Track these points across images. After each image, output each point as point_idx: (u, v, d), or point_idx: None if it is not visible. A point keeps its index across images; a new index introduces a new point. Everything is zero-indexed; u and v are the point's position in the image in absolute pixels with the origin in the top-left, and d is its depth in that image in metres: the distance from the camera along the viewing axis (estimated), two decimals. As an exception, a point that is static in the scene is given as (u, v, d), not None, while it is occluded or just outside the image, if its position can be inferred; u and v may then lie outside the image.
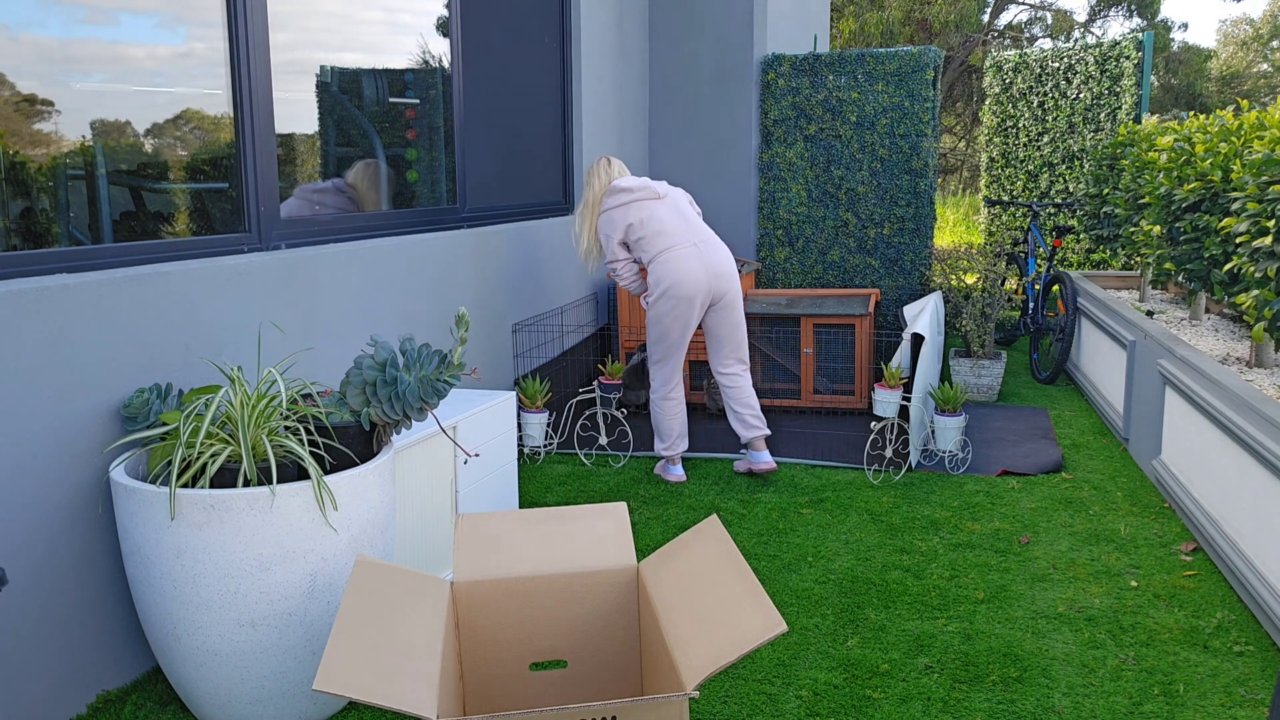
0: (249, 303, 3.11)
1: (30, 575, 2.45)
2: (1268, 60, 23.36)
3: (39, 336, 2.43)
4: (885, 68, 6.34)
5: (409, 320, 4.03)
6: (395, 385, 2.57)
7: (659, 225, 4.21)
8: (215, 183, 3.23)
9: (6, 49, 2.55)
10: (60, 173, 2.71)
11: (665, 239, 4.19)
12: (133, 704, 2.63)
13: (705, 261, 4.18)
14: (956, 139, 20.74)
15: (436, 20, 4.43)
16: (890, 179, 6.41)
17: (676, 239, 4.19)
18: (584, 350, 5.81)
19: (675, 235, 4.20)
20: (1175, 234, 4.54)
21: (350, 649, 1.81)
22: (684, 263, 4.15)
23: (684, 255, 4.16)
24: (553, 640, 2.30)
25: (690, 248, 4.18)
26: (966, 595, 3.27)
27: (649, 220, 4.21)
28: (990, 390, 5.87)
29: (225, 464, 2.41)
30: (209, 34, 3.16)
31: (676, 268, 4.15)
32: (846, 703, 2.65)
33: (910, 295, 6.48)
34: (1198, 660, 2.85)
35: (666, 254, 4.17)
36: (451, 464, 3.36)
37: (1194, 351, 4.05)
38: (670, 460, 4.45)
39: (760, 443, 4.37)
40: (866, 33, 16.87)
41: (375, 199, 3.94)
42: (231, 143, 3.26)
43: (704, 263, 4.18)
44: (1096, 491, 4.26)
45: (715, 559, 2.11)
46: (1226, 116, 4.82)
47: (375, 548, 2.59)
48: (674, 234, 4.20)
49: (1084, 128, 8.88)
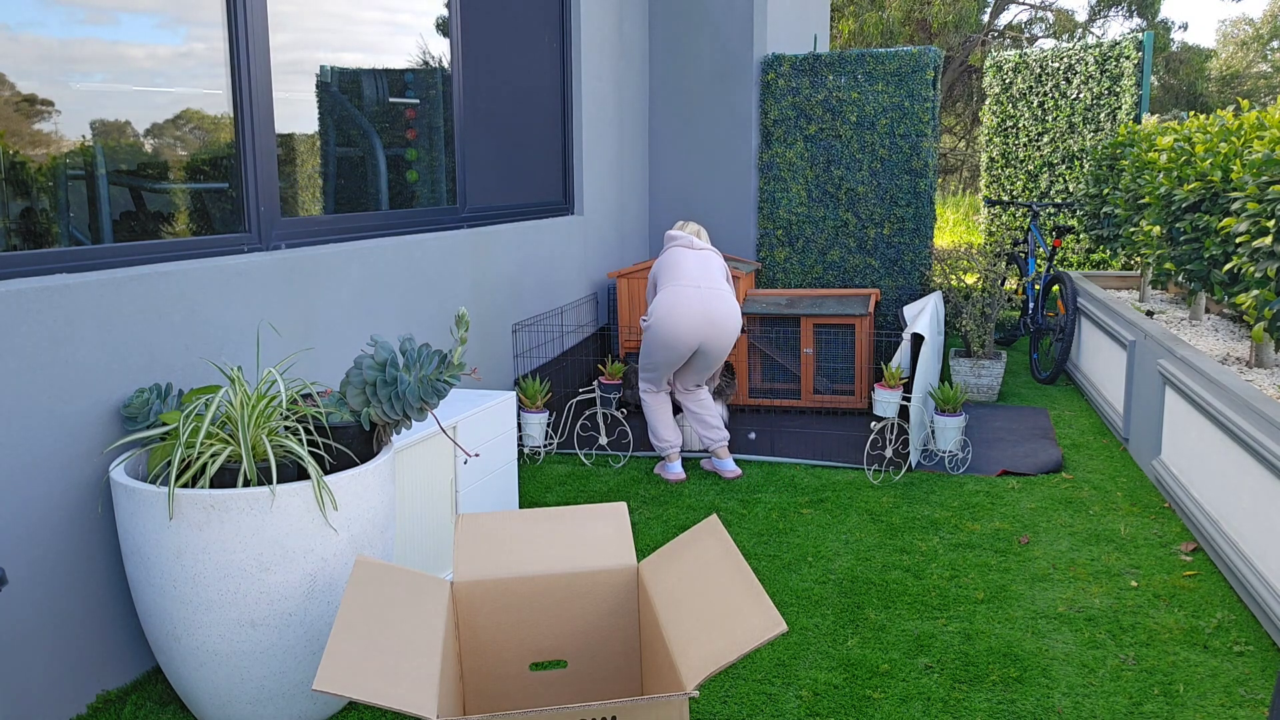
0: (249, 303, 3.11)
1: (30, 575, 2.45)
2: (1268, 60, 23.36)
3: (39, 336, 2.43)
4: (885, 68, 6.34)
5: (409, 320, 4.03)
6: (395, 385, 2.57)
7: (677, 268, 4.37)
8: (215, 183, 3.23)
9: (6, 49, 2.55)
10: (60, 173, 2.71)
11: (676, 278, 4.34)
12: (133, 704, 2.63)
13: (705, 305, 4.26)
14: (956, 139, 20.74)
15: (436, 20, 4.43)
16: (890, 179, 6.41)
17: (684, 280, 4.31)
18: (584, 350, 5.81)
19: (685, 277, 4.32)
20: (1175, 234, 4.54)
21: (350, 649, 1.81)
22: (681, 299, 4.26)
23: (684, 295, 4.27)
24: (553, 640, 2.30)
25: (693, 289, 4.29)
26: (966, 595, 3.27)
27: (673, 263, 4.39)
28: (990, 390, 5.87)
29: (225, 464, 2.41)
30: (209, 34, 3.16)
31: (674, 300, 4.26)
32: (846, 703, 2.65)
33: (910, 295, 6.48)
34: (1198, 660, 2.85)
35: (670, 288, 4.31)
36: (451, 464, 3.36)
37: (1194, 351, 4.05)
38: (668, 458, 4.48)
39: (725, 450, 4.50)
40: (866, 33, 16.88)
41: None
42: (231, 143, 3.26)
43: (703, 306, 4.26)
44: (1096, 491, 4.26)
45: (715, 559, 2.11)
46: (1226, 116, 4.81)
47: (375, 548, 2.59)
48: (685, 276, 4.33)
49: (1084, 128, 8.89)
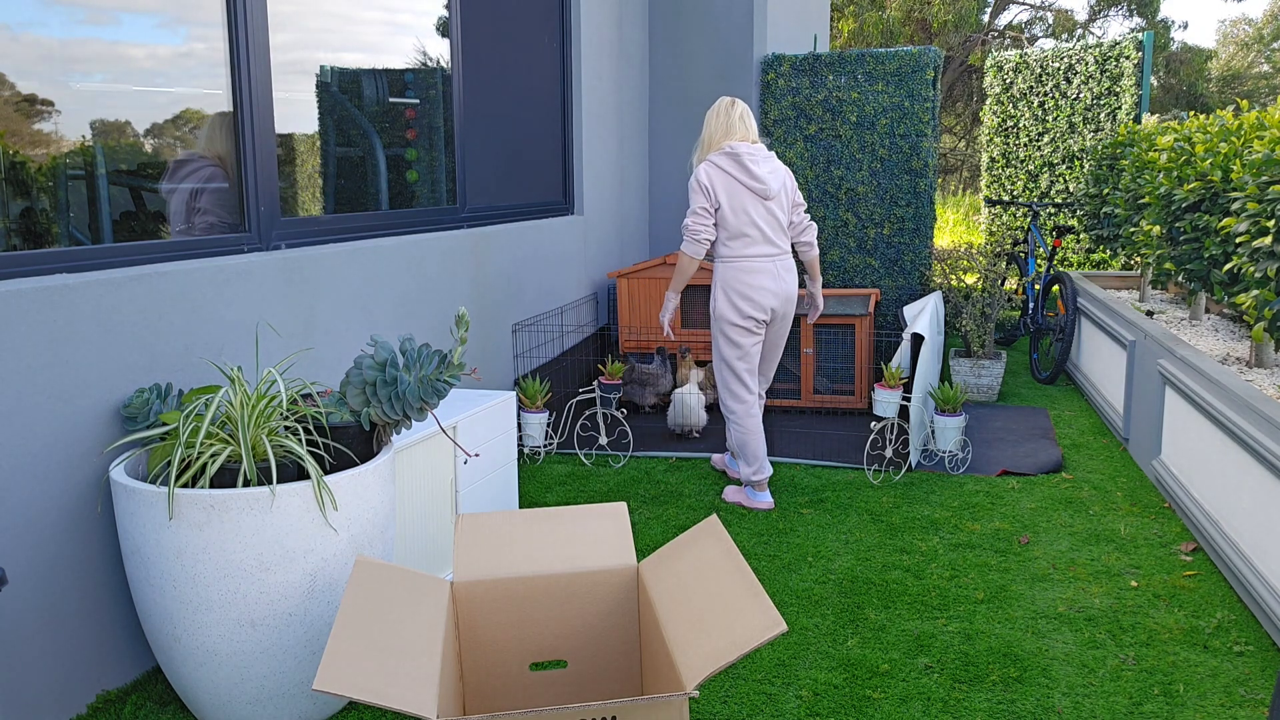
0: (249, 303, 3.11)
1: (30, 575, 2.45)
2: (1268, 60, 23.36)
3: (39, 336, 2.43)
4: (885, 68, 6.34)
5: (409, 320, 4.03)
6: (395, 385, 2.57)
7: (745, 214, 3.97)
8: (215, 183, 3.23)
9: (6, 49, 2.55)
10: (60, 173, 2.71)
11: (745, 227, 3.97)
12: (133, 704, 2.63)
13: (779, 283, 4.01)
14: (956, 139, 20.74)
15: (436, 20, 4.43)
16: (890, 179, 6.41)
17: (758, 247, 3.99)
18: (584, 350, 5.81)
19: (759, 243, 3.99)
20: (1175, 234, 4.54)
21: (350, 649, 1.81)
22: (757, 276, 3.98)
23: (759, 267, 3.98)
24: (553, 640, 2.30)
25: (769, 260, 4.00)
26: (966, 595, 3.27)
27: (738, 205, 3.98)
28: (990, 390, 5.87)
29: (225, 464, 2.41)
30: (209, 34, 3.15)
31: (747, 280, 3.97)
32: (846, 703, 2.65)
33: (910, 295, 6.48)
34: (1198, 660, 2.85)
35: (740, 262, 3.99)
36: (451, 464, 3.36)
37: (1194, 351, 4.05)
38: (757, 485, 4.11)
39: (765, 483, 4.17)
40: (866, 33, 16.88)
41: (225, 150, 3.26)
42: (231, 143, 3.26)
43: (776, 284, 4.01)
44: (1096, 491, 4.26)
45: (715, 559, 2.11)
46: (1226, 116, 4.81)
47: (375, 548, 2.59)
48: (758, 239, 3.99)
49: (1084, 128, 8.89)
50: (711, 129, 4.10)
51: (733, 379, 4.09)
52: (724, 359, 4.09)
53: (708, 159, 4.04)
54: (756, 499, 4.10)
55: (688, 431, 5.09)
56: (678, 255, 4.10)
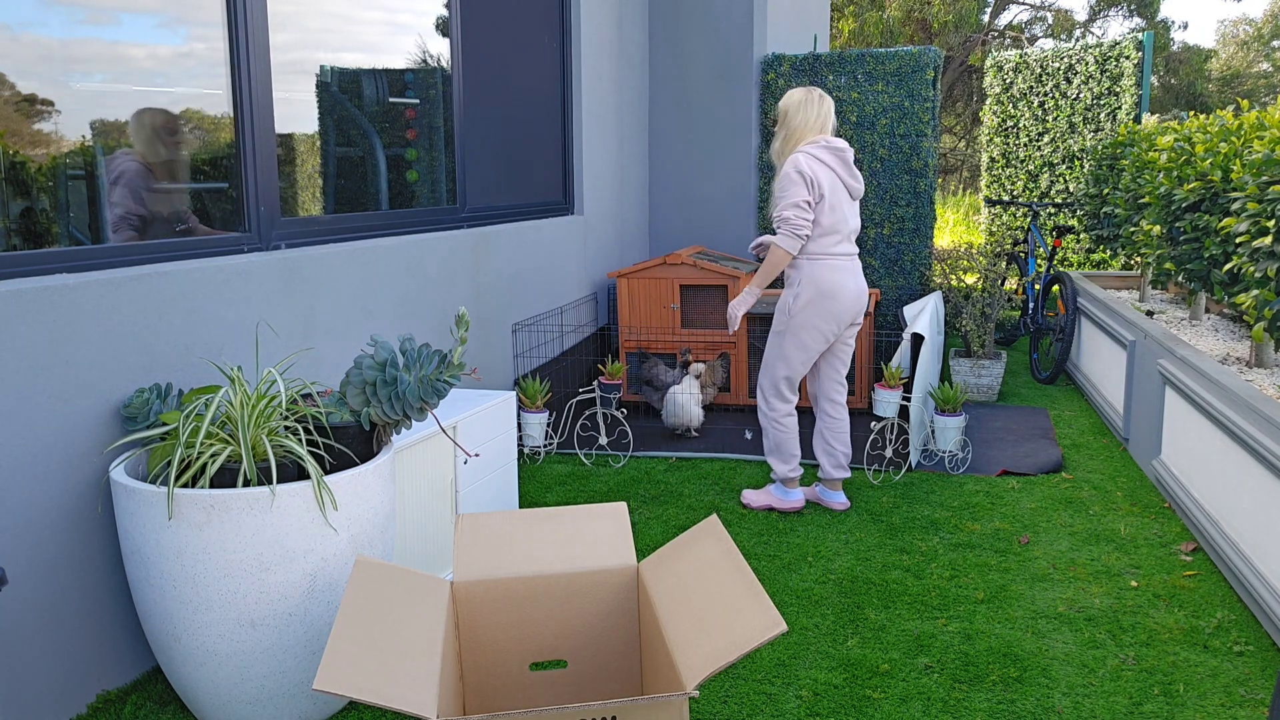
0: (249, 303, 3.11)
1: (30, 575, 2.45)
2: (1268, 60, 23.36)
3: (39, 336, 2.43)
4: (885, 68, 6.34)
5: (409, 320, 4.03)
6: (395, 385, 2.57)
7: (835, 212, 3.85)
8: (215, 183, 3.23)
9: (6, 49, 2.55)
10: (60, 173, 2.71)
11: (836, 225, 3.85)
12: (133, 704, 2.63)
13: (858, 278, 3.93)
14: (956, 139, 20.74)
15: (436, 20, 4.43)
16: (890, 179, 6.41)
17: (844, 245, 3.89)
18: (584, 350, 5.81)
19: (845, 242, 3.89)
20: (1175, 234, 4.54)
21: (350, 649, 1.81)
22: (839, 267, 3.87)
23: (841, 265, 3.88)
24: (553, 640, 2.30)
25: (850, 259, 3.92)
26: (966, 595, 3.27)
27: (836, 208, 3.85)
28: (990, 390, 5.87)
29: (225, 464, 2.41)
30: (209, 34, 3.15)
31: (835, 278, 3.85)
32: (846, 703, 2.65)
33: (910, 295, 6.48)
34: (1198, 660, 2.85)
35: (829, 260, 3.86)
36: (451, 464, 3.36)
37: (1194, 351, 4.05)
38: (789, 482, 4.04)
39: (839, 484, 4.12)
40: (866, 33, 16.88)
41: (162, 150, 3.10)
42: (231, 143, 3.26)
43: (856, 280, 3.92)
44: (1096, 491, 4.26)
45: (715, 559, 2.11)
46: (1226, 116, 4.81)
47: (375, 548, 2.59)
48: (843, 238, 3.89)
49: (1084, 128, 8.89)
50: (800, 119, 3.91)
51: (784, 381, 3.97)
52: (785, 357, 3.93)
53: (804, 150, 3.85)
54: (790, 498, 4.03)
55: (684, 430, 5.08)
56: (771, 248, 3.88)
